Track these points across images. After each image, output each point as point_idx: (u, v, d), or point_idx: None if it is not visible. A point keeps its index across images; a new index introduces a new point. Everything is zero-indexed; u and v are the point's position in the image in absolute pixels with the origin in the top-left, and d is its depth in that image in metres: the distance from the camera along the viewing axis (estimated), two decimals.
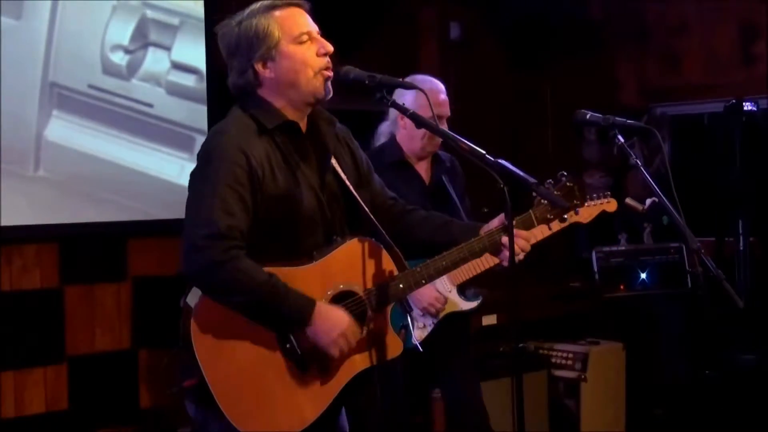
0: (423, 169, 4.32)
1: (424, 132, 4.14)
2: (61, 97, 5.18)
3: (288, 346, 2.78)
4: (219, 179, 2.72)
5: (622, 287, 5.78)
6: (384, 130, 4.41)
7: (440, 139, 4.16)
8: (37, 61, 5.12)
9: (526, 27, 6.89)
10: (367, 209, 2.97)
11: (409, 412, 5.53)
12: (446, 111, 4.25)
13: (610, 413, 5.77)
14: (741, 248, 6.01)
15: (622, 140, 3.85)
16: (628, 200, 4.20)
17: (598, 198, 4.15)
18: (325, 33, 6.67)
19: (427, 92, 3.96)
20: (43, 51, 5.13)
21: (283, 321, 2.76)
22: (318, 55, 2.87)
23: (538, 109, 7.32)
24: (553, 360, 5.73)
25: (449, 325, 4.24)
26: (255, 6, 2.88)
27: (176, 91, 5.56)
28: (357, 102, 3.23)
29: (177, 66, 5.58)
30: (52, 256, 5.23)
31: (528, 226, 3.00)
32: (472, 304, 4.30)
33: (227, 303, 2.73)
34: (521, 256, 2.96)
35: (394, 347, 2.96)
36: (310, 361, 2.80)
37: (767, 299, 6.01)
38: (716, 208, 6.12)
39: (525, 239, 2.95)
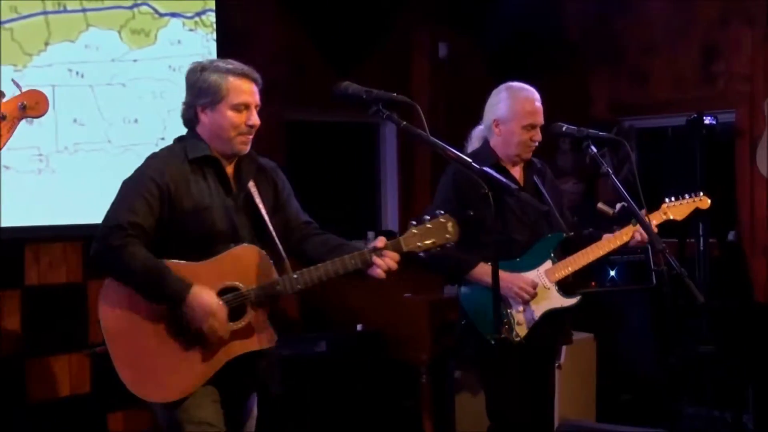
0: (517, 174, 4.11)
1: (519, 139, 3.99)
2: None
3: (178, 323, 3.09)
4: (133, 188, 3.14)
5: (593, 284, 5.73)
6: (477, 134, 4.20)
7: (534, 146, 4.04)
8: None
9: (508, 48, 6.85)
10: (270, 227, 3.25)
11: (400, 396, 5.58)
12: (539, 119, 4.02)
13: (583, 399, 5.82)
14: (701, 248, 6.05)
15: (594, 150, 3.89)
16: (600, 205, 4.21)
17: (691, 197, 4.08)
18: (326, 53, 6.69)
19: (526, 101, 4.02)
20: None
21: (164, 297, 3.07)
22: (246, 124, 3.19)
23: None
24: None
25: (549, 323, 3.99)
26: (221, 63, 3.24)
27: None
28: (356, 114, 3.28)
29: None
30: (76, 253, 5.24)
31: (396, 249, 3.21)
32: (571, 301, 4.02)
33: (122, 281, 3.08)
34: (381, 274, 3.19)
35: (269, 338, 3.23)
36: (194, 341, 3.11)
37: (725, 295, 6.05)
38: None
39: (392, 258, 3.19)
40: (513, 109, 4.00)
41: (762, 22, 6.39)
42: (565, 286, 4.05)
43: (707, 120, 6.12)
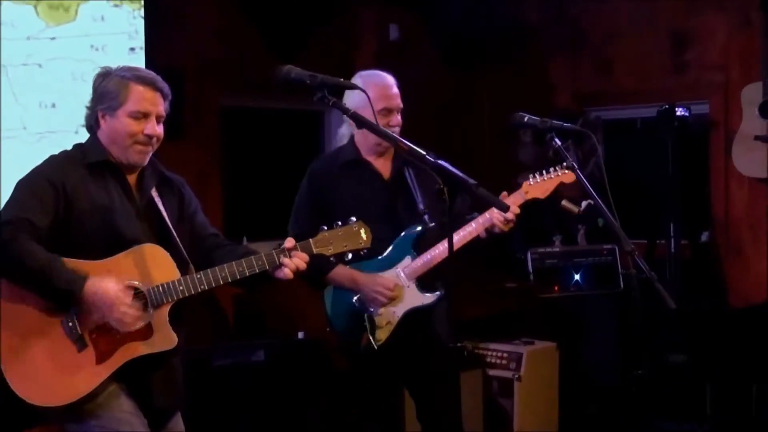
0: (382, 164, 4.15)
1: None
2: None
3: (70, 324, 3.14)
4: (26, 188, 3.20)
5: (556, 288, 5.85)
6: (344, 131, 4.27)
7: (395, 131, 4.04)
8: None
9: (463, 31, 6.90)
10: (174, 232, 3.32)
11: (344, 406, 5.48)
12: (398, 103, 4.10)
13: (544, 412, 5.78)
14: (672, 250, 6.13)
15: (558, 143, 3.81)
16: (564, 202, 4.14)
17: (555, 171, 4.06)
18: (269, 36, 6.62)
19: (376, 86, 4.01)
20: None
21: (57, 291, 3.09)
22: (143, 133, 3.24)
23: (475, 111, 7.36)
24: (488, 359, 5.69)
25: (413, 322, 4.03)
26: (125, 68, 3.31)
27: None
28: (299, 101, 3.26)
29: None
30: None
31: (305, 250, 3.30)
32: (430, 298, 4.03)
33: (14, 278, 3.11)
34: (288, 274, 3.27)
35: (169, 340, 3.23)
36: (87, 341, 3.15)
37: (697, 300, 6.05)
38: (648, 211, 6.18)
39: (301, 259, 3.28)
40: (363, 99, 3.97)
41: (736, 7, 6.37)
42: (424, 282, 4.05)
43: (679, 111, 6.22)
